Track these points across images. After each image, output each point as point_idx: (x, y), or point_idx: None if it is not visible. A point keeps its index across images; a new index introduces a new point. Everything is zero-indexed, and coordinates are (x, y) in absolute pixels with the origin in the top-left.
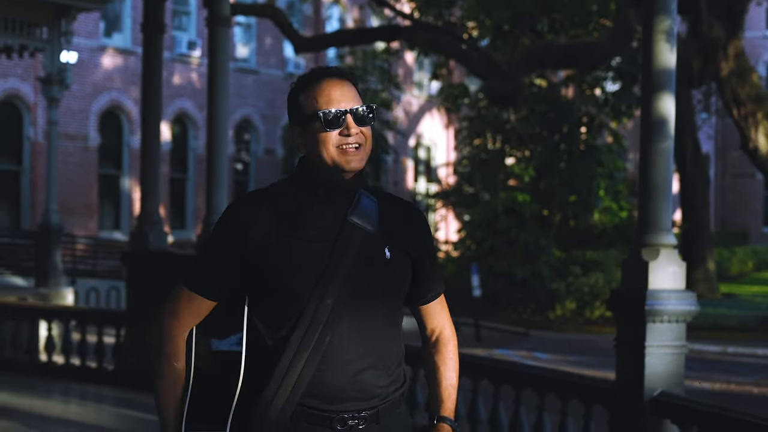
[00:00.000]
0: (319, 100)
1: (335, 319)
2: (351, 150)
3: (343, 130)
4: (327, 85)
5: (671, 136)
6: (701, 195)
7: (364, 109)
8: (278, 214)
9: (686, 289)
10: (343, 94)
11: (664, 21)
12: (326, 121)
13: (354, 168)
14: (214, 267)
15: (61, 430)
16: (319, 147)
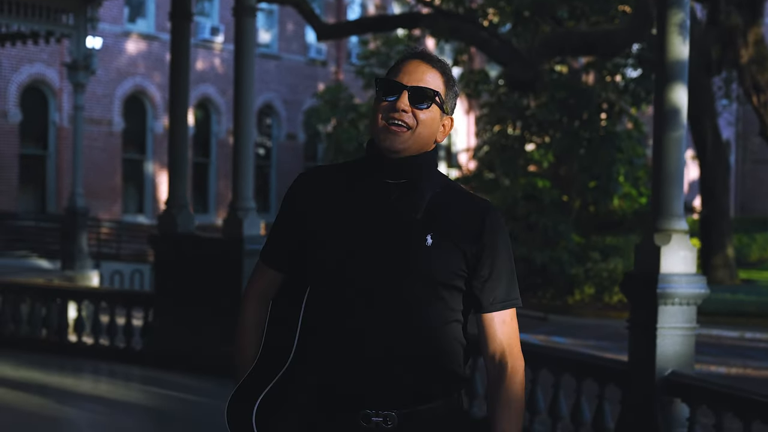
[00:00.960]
0: (390, 72)
1: (361, 304)
2: (394, 126)
3: (393, 103)
4: (406, 62)
5: (684, 125)
6: (721, 181)
7: (427, 90)
8: (328, 189)
9: (703, 274)
10: (414, 73)
11: (678, 14)
12: (381, 87)
13: (391, 148)
14: (274, 235)
15: (91, 407)
16: (373, 120)
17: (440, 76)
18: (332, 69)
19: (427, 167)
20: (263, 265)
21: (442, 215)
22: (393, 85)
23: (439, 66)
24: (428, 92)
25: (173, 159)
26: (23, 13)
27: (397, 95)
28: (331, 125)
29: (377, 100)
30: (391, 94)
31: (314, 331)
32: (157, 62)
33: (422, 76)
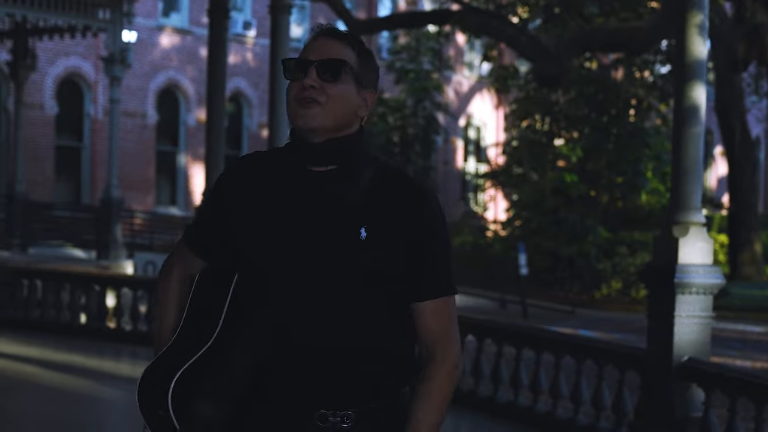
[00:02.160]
0: (300, 52)
1: (288, 300)
2: (305, 103)
3: (300, 79)
4: (313, 41)
5: (702, 122)
6: (749, 177)
7: (334, 62)
8: (253, 180)
9: (731, 270)
10: (321, 48)
11: (697, 15)
12: (287, 68)
13: (306, 126)
14: (199, 222)
15: (130, 387)
16: (287, 101)
17: (351, 48)
18: None
19: (353, 150)
20: (185, 247)
21: (376, 204)
22: (299, 63)
23: (349, 39)
24: (335, 63)
25: (210, 151)
26: (61, 8)
27: (305, 72)
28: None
29: (289, 84)
30: (299, 73)
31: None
32: (190, 56)
33: (329, 50)
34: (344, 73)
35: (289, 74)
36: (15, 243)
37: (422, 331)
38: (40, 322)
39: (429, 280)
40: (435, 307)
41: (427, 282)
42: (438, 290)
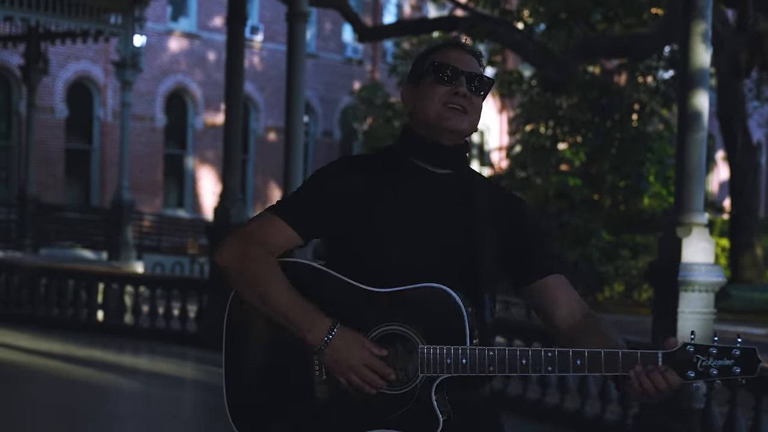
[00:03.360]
0: (439, 58)
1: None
2: (458, 109)
3: (454, 87)
4: (451, 51)
5: (705, 127)
6: (750, 182)
7: (482, 77)
8: (373, 176)
9: (732, 273)
10: (464, 60)
11: (701, 24)
12: (440, 72)
13: (456, 127)
14: (308, 202)
15: (148, 380)
16: (427, 101)
17: (480, 64)
18: (368, 68)
19: (467, 158)
20: (279, 220)
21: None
22: (452, 71)
23: (479, 56)
24: (486, 81)
25: (227, 155)
26: (74, 13)
27: (457, 81)
28: (367, 124)
29: (431, 84)
30: (448, 81)
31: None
32: (198, 60)
33: (474, 65)
34: (487, 89)
35: (443, 78)
36: (27, 244)
37: (561, 299)
38: (58, 320)
39: (550, 259)
40: (563, 279)
41: (550, 261)
42: (557, 266)
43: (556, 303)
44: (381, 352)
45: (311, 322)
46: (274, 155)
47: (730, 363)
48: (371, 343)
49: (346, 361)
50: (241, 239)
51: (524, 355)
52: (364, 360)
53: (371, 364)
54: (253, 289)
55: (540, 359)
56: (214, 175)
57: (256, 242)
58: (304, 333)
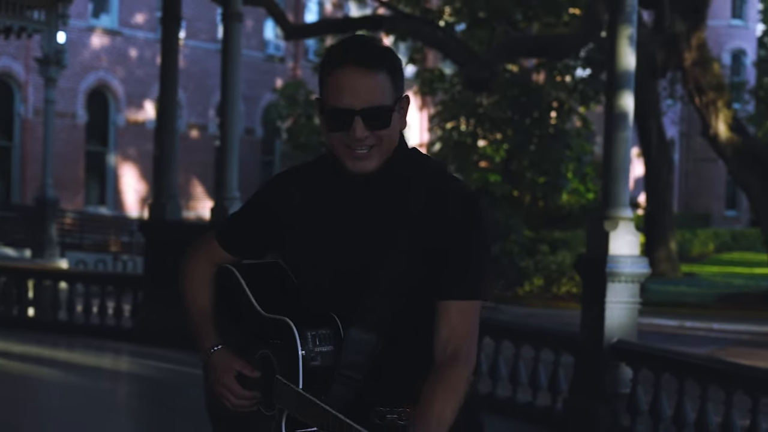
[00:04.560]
0: (333, 91)
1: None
2: (360, 153)
3: (351, 134)
4: (344, 75)
5: (630, 126)
6: (665, 178)
7: (382, 110)
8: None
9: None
10: (358, 88)
11: (627, 28)
12: (330, 120)
13: (362, 171)
14: (239, 223)
15: (83, 373)
16: (330, 142)
17: (386, 72)
18: (290, 65)
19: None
20: (216, 244)
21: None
22: (345, 115)
23: (381, 62)
24: (382, 112)
25: (163, 152)
26: None
27: (350, 124)
28: (290, 121)
29: (327, 129)
30: (340, 127)
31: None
32: (120, 57)
33: (370, 90)
34: (391, 115)
35: (333, 125)
36: None
37: (446, 330)
38: None
39: (459, 281)
40: (462, 307)
41: (457, 283)
42: (466, 292)
43: (437, 332)
44: (253, 373)
45: (202, 339)
46: (196, 153)
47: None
48: (244, 366)
49: (215, 382)
50: (186, 258)
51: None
52: (224, 384)
53: (230, 388)
54: (183, 302)
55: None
56: (136, 172)
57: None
58: (198, 349)
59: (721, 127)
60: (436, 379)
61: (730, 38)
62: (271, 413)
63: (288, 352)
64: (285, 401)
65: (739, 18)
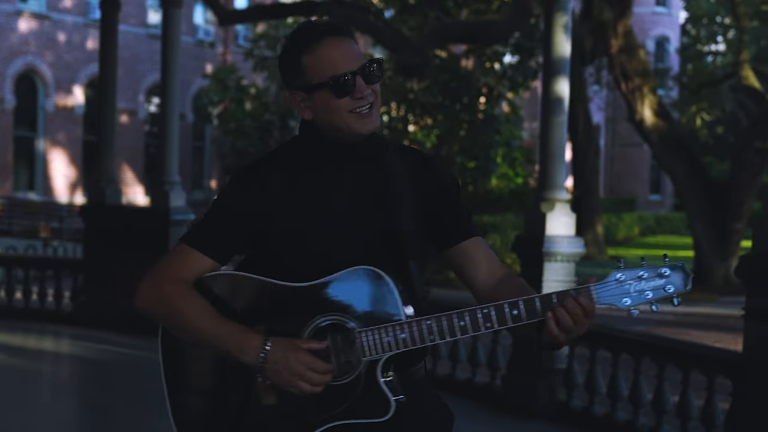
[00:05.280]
0: (323, 65)
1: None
2: (365, 112)
3: (354, 93)
4: (329, 47)
5: (565, 111)
6: (591, 163)
7: (373, 66)
8: (287, 183)
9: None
10: (347, 54)
11: (562, 17)
12: (337, 88)
13: (371, 130)
14: (215, 227)
15: (22, 355)
16: (331, 115)
17: (353, 40)
18: (220, 50)
19: (380, 134)
20: (194, 251)
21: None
22: (349, 79)
23: (348, 31)
24: (377, 64)
25: (101, 137)
26: None
27: (353, 85)
28: (220, 106)
29: (330, 98)
30: (347, 92)
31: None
32: (48, 41)
33: (352, 50)
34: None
35: (340, 91)
36: None
37: (483, 260)
38: None
39: (468, 221)
40: (482, 241)
41: (470, 223)
42: (476, 229)
43: (477, 265)
44: (320, 346)
45: (242, 342)
46: (126, 138)
47: (662, 283)
48: (308, 342)
49: (289, 371)
50: (154, 279)
51: (461, 317)
52: (304, 364)
53: (312, 365)
54: (177, 325)
55: (476, 318)
56: (65, 157)
57: (168, 279)
58: (237, 355)
59: (646, 112)
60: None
61: (654, 25)
62: (349, 378)
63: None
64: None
65: (663, 5)
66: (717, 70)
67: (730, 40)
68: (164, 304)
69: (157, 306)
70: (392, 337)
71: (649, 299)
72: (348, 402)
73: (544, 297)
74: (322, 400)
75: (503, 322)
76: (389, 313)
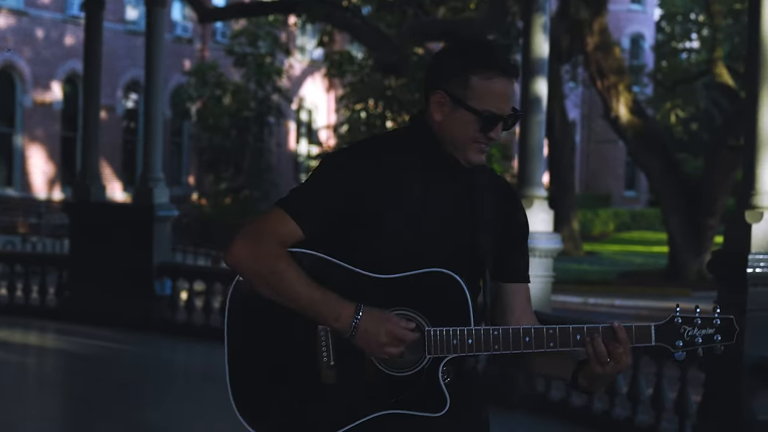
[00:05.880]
0: (487, 96)
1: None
2: (485, 149)
3: (491, 133)
4: (500, 84)
5: (544, 110)
6: (567, 159)
7: (516, 118)
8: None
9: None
10: (507, 98)
11: (541, 17)
12: (484, 122)
13: (477, 163)
14: (317, 200)
15: (12, 350)
16: (461, 135)
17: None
18: (198, 47)
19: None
20: (289, 218)
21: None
22: (493, 121)
23: (517, 74)
24: (518, 119)
25: (87, 134)
26: None
27: (494, 127)
28: (199, 103)
29: (470, 122)
30: (492, 126)
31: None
32: (26, 37)
33: (511, 95)
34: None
35: (486, 126)
36: None
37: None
38: None
39: (527, 266)
40: (528, 289)
41: (525, 268)
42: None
43: (511, 312)
44: (408, 325)
45: (336, 310)
46: (104, 134)
47: (711, 332)
48: (397, 319)
49: (377, 338)
50: (253, 235)
51: (527, 333)
52: (392, 332)
53: (400, 334)
54: (272, 285)
55: (542, 336)
56: (44, 153)
57: (267, 237)
58: (331, 322)
59: (622, 109)
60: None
61: (629, 23)
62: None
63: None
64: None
65: (638, 3)
66: (691, 67)
67: (705, 37)
68: (264, 262)
69: (257, 263)
70: (459, 341)
71: (698, 344)
72: (405, 394)
73: (606, 327)
74: (379, 388)
75: (566, 343)
76: (460, 318)
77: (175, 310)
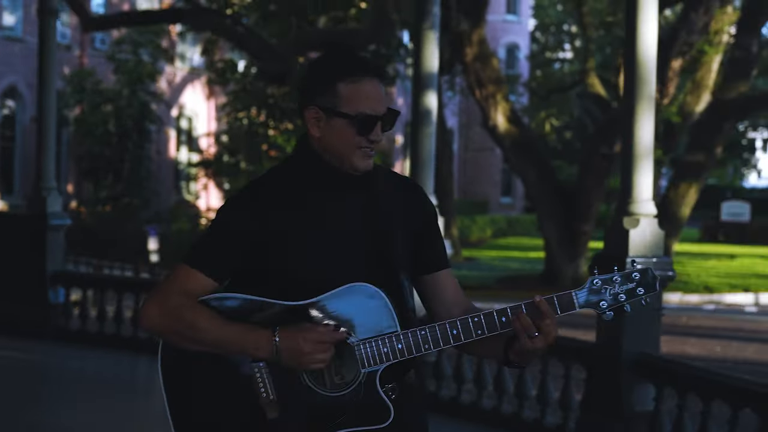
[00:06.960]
0: (357, 100)
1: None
2: (370, 153)
3: (371, 135)
4: (369, 86)
5: (434, 122)
6: (446, 166)
7: (393, 117)
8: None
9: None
10: (378, 98)
11: (432, 33)
12: (360, 125)
13: (365, 169)
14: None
15: None
16: (341, 144)
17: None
18: (76, 53)
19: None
20: (195, 271)
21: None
22: (369, 121)
23: (384, 76)
24: (395, 116)
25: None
26: None
27: (372, 128)
28: (77, 110)
29: (347, 129)
30: (367, 132)
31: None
32: None
33: (382, 95)
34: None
35: (363, 129)
36: None
37: (452, 291)
38: None
39: (444, 252)
40: (450, 276)
41: (443, 255)
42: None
43: (447, 296)
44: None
45: (254, 340)
46: None
47: (633, 286)
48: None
49: (301, 350)
50: (159, 298)
51: (454, 326)
52: (313, 339)
53: (319, 337)
54: (188, 336)
55: (468, 326)
56: None
57: (174, 293)
58: (253, 352)
59: (499, 118)
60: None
61: (504, 33)
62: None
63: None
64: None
65: (513, 13)
66: (565, 77)
67: (577, 48)
68: (173, 317)
69: (166, 321)
70: (389, 348)
71: (623, 302)
72: (348, 413)
73: (528, 303)
74: (325, 411)
75: (493, 329)
76: (385, 326)
77: (69, 317)
